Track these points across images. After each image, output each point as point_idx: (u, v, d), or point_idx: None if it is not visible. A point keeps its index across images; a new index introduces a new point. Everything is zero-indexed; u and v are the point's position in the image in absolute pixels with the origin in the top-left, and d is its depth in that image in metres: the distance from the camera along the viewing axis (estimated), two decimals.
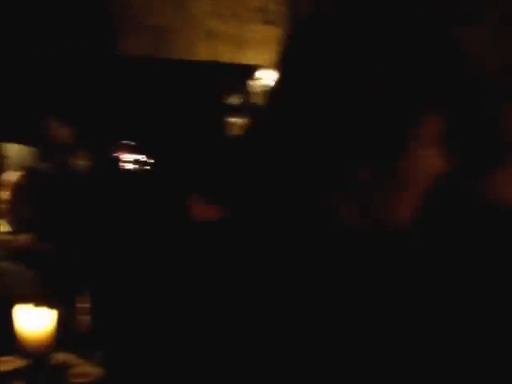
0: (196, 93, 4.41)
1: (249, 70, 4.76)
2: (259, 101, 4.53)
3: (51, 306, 1.69)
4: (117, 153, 4.24)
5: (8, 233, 2.17)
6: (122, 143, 4.30)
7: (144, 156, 4.38)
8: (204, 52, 4.71)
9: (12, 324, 1.64)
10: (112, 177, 3.52)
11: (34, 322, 1.66)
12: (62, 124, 2.93)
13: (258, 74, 4.83)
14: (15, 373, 1.69)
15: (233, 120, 4.37)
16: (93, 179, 2.79)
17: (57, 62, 3.57)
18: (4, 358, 1.74)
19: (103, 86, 3.78)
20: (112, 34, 4.03)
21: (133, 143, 4.32)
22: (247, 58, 4.80)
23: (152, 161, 4.35)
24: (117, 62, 4.01)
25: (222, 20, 4.87)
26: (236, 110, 4.43)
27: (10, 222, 2.19)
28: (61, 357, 1.75)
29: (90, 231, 2.32)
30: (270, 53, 4.66)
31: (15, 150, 3.13)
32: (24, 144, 3.11)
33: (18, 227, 2.17)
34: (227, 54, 4.78)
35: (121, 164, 4.36)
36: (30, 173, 2.31)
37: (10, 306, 1.68)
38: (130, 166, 4.38)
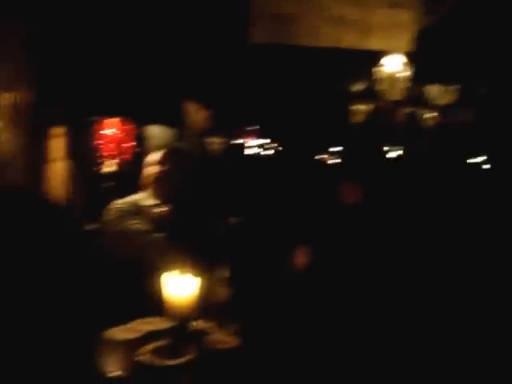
0: (321, 79, 4.38)
1: (374, 56, 4.62)
2: (384, 87, 4.39)
3: (195, 274, 1.79)
4: (245, 137, 4.36)
5: (155, 205, 2.33)
6: (250, 128, 4.40)
7: (270, 141, 4.45)
8: (328, 38, 4.63)
9: (160, 289, 1.76)
10: (240, 159, 3.65)
11: (179, 288, 1.77)
12: (200, 108, 3.10)
13: (383, 60, 4.68)
14: (159, 333, 1.82)
15: (357, 107, 4.28)
16: (224, 161, 2.91)
17: (196, 51, 3.77)
18: (152, 319, 1.89)
19: (235, 73, 3.91)
20: (242, 22, 4.14)
21: (259, 128, 4.40)
22: (372, 43, 4.64)
23: (277, 145, 4.41)
24: (247, 49, 4.12)
25: (346, 5, 4.75)
26: (361, 97, 4.33)
27: (157, 196, 2.36)
28: (200, 324, 1.85)
29: (226, 207, 2.44)
30: (396, 38, 4.48)
31: (156, 132, 3.36)
32: (164, 126, 3.32)
33: (163, 200, 2.33)
34: (351, 41, 4.66)
35: (248, 148, 4.49)
36: (173, 150, 2.47)
37: (158, 273, 1.81)
38: (257, 150, 4.48)
